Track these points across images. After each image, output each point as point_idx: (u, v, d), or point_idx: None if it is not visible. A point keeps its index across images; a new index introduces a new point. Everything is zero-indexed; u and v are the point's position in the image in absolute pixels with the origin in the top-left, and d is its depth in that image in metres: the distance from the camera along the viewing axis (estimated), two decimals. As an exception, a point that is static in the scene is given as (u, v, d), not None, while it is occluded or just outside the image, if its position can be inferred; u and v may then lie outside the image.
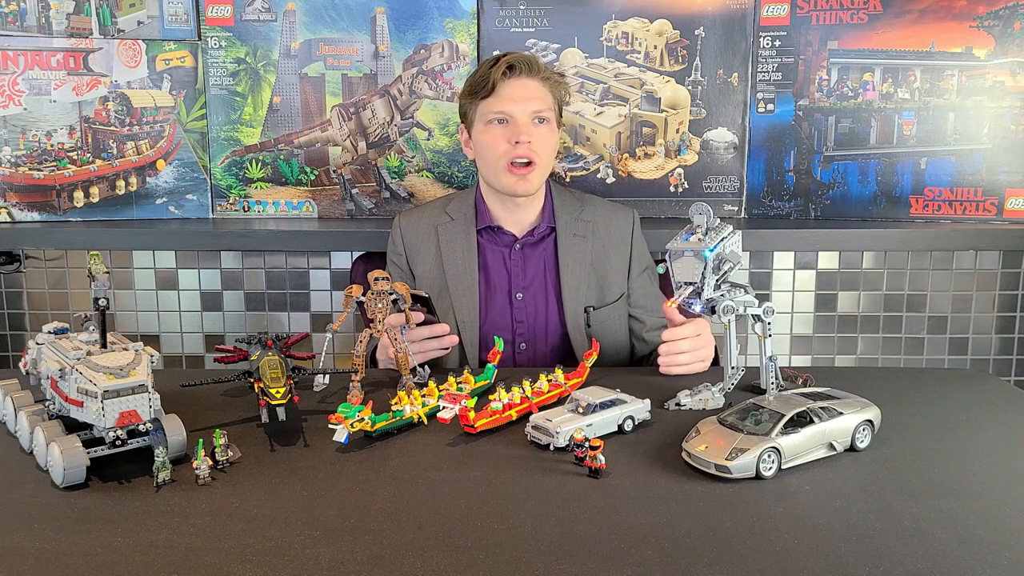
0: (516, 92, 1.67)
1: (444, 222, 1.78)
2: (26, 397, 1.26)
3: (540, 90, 1.69)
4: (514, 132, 1.65)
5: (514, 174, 1.67)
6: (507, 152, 1.66)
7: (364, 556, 0.91)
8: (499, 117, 1.67)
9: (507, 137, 1.66)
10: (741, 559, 0.90)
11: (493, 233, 1.77)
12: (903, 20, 2.09)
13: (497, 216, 1.77)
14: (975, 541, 0.94)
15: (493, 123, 1.68)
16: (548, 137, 1.70)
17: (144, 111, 2.15)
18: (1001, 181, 2.11)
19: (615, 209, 1.85)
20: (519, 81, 1.67)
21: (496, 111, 1.67)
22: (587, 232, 1.77)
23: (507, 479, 1.10)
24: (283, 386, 1.21)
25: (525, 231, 1.77)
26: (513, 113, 1.66)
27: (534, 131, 1.66)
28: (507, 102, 1.66)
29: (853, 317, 2.36)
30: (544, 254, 1.77)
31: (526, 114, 1.66)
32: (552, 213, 1.78)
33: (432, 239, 1.78)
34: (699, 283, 1.30)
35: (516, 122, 1.66)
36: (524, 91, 1.67)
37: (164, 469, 1.08)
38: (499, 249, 1.77)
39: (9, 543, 0.94)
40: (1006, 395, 1.44)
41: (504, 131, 1.67)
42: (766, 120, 2.17)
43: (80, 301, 2.35)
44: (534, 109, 1.67)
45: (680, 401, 1.35)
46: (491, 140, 1.68)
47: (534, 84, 1.68)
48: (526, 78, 1.67)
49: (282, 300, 2.36)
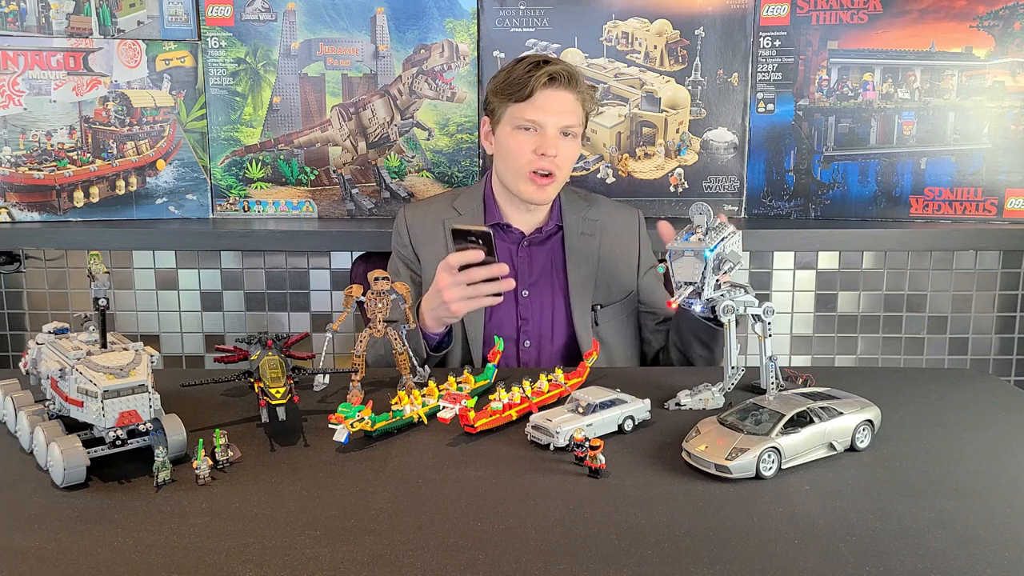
0: (552, 104, 1.64)
1: (451, 216, 1.78)
2: (26, 397, 1.26)
3: (574, 104, 1.67)
4: (542, 143, 1.64)
5: (534, 183, 1.67)
6: (531, 161, 1.65)
7: (364, 556, 0.91)
8: (530, 125, 1.65)
9: (534, 146, 1.65)
10: (741, 559, 0.90)
11: (501, 230, 1.76)
12: (903, 20, 2.09)
13: (506, 214, 1.77)
14: (975, 541, 0.94)
15: (521, 129, 1.66)
16: (573, 150, 1.70)
17: (144, 111, 2.15)
18: (1001, 181, 2.11)
19: (621, 208, 1.86)
20: (557, 93, 1.65)
21: (528, 119, 1.65)
22: (594, 231, 1.78)
23: (507, 479, 1.10)
24: (283, 386, 1.20)
25: (533, 229, 1.77)
26: (545, 124, 1.64)
27: (561, 144, 1.65)
28: (541, 112, 1.64)
29: (853, 317, 2.36)
30: (551, 252, 1.77)
31: (557, 127, 1.65)
32: (559, 212, 1.78)
33: (440, 232, 1.76)
34: (699, 283, 1.30)
35: (546, 134, 1.64)
36: (560, 104, 1.65)
37: (164, 469, 1.08)
38: (506, 246, 1.76)
39: (9, 543, 0.94)
40: (1006, 395, 1.44)
41: (532, 139, 1.65)
42: (766, 120, 2.17)
43: (80, 301, 2.35)
44: (565, 123, 1.65)
45: (680, 401, 1.35)
46: (517, 146, 1.66)
47: (570, 98, 1.66)
48: (564, 91, 1.65)
49: (282, 300, 2.36)
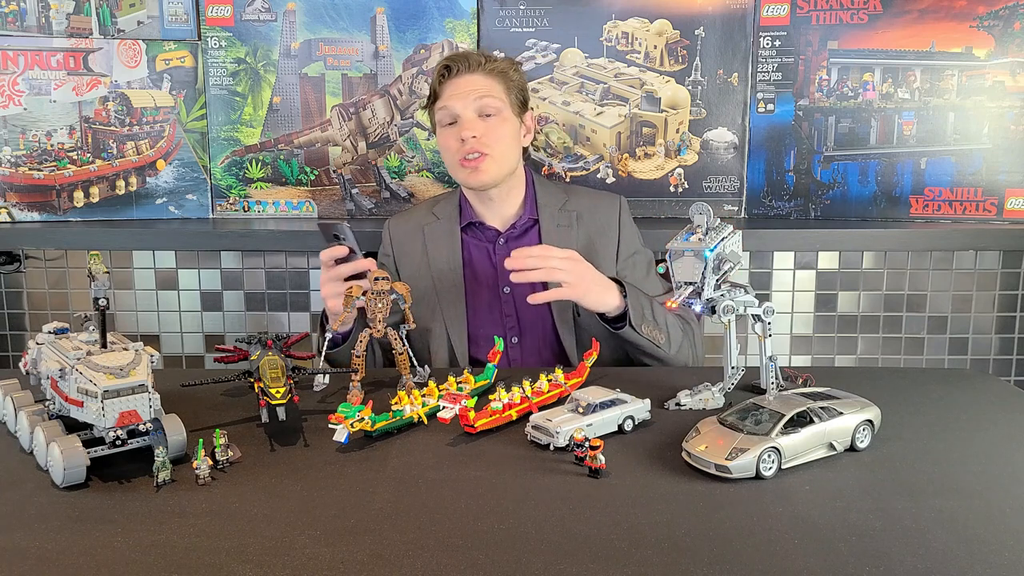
0: (457, 90, 1.69)
1: (430, 222, 1.80)
2: (26, 397, 1.26)
3: (483, 82, 1.69)
4: (460, 129, 1.68)
5: (466, 167, 1.69)
6: (458, 150, 1.69)
7: (364, 556, 0.91)
8: (448, 119, 1.70)
9: (456, 135, 1.69)
10: (741, 559, 0.90)
11: (477, 229, 1.78)
12: (903, 20, 2.09)
13: (479, 213, 1.79)
14: (975, 541, 0.94)
15: (444, 125, 1.71)
16: (498, 128, 1.70)
17: (144, 111, 2.15)
18: (1001, 181, 2.11)
19: (600, 197, 1.85)
20: (459, 80, 1.69)
21: (442, 112, 1.70)
22: (571, 222, 1.77)
23: (507, 479, 1.10)
24: (283, 386, 1.21)
25: (508, 224, 1.77)
26: (457, 111, 1.68)
27: (480, 125, 1.68)
28: (449, 100, 1.69)
29: (853, 317, 2.36)
30: (529, 246, 1.76)
31: (469, 110, 1.68)
32: (534, 205, 1.78)
33: (419, 239, 1.79)
34: (699, 283, 1.30)
35: (462, 120, 1.68)
36: (464, 87, 1.69)
37: (164, 469, 1.08)
38: (484, 244, 1.77)
39: (9, 543, 0.94)
40: (1006, 395, 1.44)
41: (454, 130, 1.69)
42: (766, 120, 2.17)
43: (80, 301, 2.35)
44: (477, 105, 1.68)
45: (680, 401, 1.35)
46: (444, 141, 1.72)
47: (476, 79, 1.69)
48: (466, 75, 1.69)
49: (282, 300, 2.36)
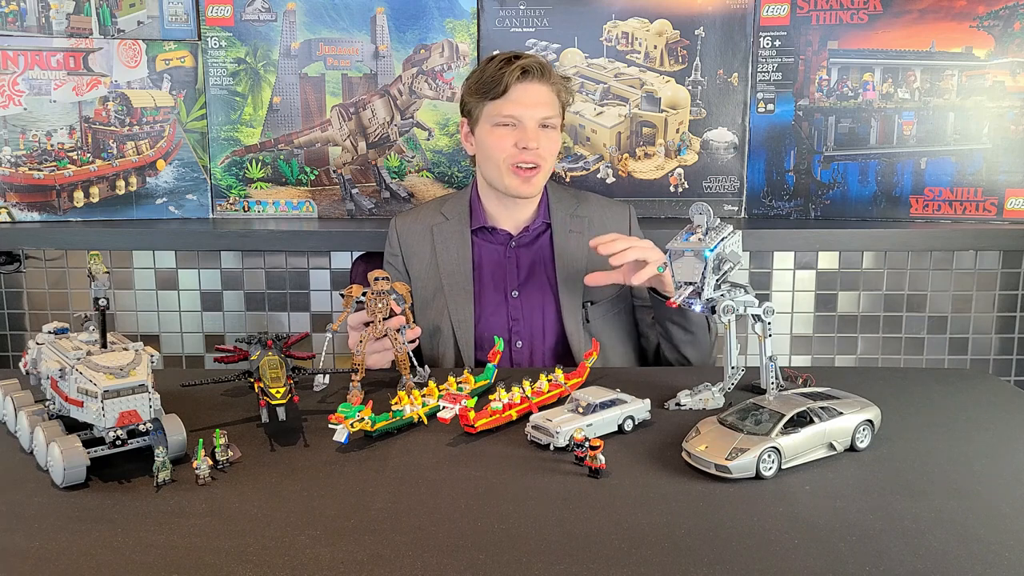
0: (527, 97, 1.67)
1: (439, 222, 1.79)
2: (26, 397, 1.26)
3: (549, 95, 1.69)
4: (522, 137, 1.66)
5: (519, 176, 1.68)
6: (513, 155, 1.67)
7: (364, 556, 0.91)
8: (508, 121, 1.67)
9: (514, 140, 1.67)
10: (741, 559, 0.90)
11: (488, 232, 1.77)
12: (903, 20, 2.09)
13: (493, 215, 1.78)
14: (975, 541, 0.94)
15: (500, 125, 1.68)
16: (554, 142, 1.71)
17: (144, 111, 2.15)
18: (1001, 181, 2.11)
19: (611, 205, 1.86)
20: (531, 86, 1.67)
21: (506, 115, 1.67)
22: (583, 228, 1.78)
23: (507, 479, 1.10)
24: (283, 386, 1.21)
25: (520, 228, 1.77)
26: (522, 118, 1.66)
27: (541, 136, 1.67)
28: (518, 107, 1.66)
29: (853, 317, 2.36)
30: (540, 251, 1.77)
31: (535, 120, 1.67)
32: (547, 210, 1.78)
33: (428, 240, 1.78)
34: (699, 283, 1.30)
35: (525, 127, 1.66)
36: (535, 96, 1.67)
37: (164, 469, 1.08)
38: (494, 247, 1.77)
39: (9, 543, 0.94)
40: (1006, 395, 1.44)
41: (512, 134, 1.67)
42: (766, 120, 2.17)
43: (80, 301, 2.35)
44: (543, 115, 1.67)
45: (680, 401, 1.35)
46: (498, 141, 1.68)
47: (544, 90, 1.69)
48: (538, 83, 1.68)
49: (282, 300, 2.36)
